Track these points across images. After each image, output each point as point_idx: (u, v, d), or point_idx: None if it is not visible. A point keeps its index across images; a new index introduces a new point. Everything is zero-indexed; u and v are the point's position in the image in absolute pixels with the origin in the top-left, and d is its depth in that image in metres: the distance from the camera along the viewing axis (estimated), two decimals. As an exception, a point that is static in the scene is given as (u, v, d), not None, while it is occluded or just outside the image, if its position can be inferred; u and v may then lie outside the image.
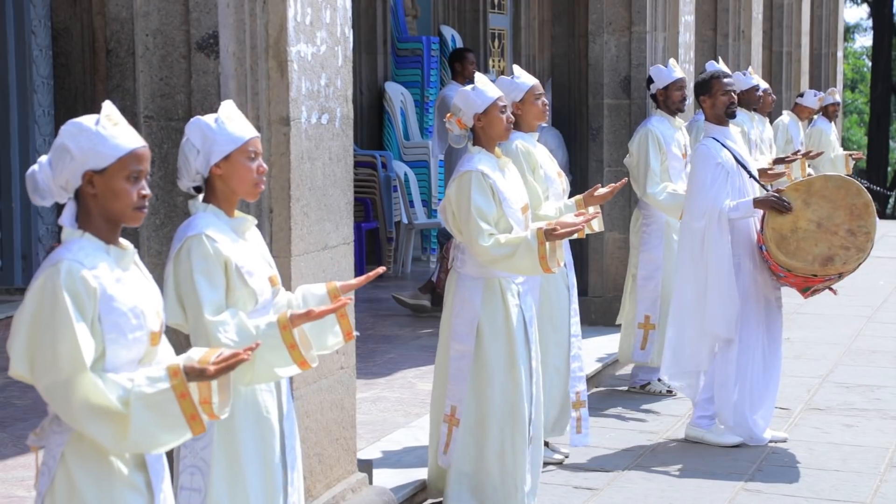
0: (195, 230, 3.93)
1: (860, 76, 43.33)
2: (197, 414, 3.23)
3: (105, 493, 3.25)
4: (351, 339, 4.11)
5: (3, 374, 8.05)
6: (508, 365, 5.73)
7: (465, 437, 5.77)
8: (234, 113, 4.03)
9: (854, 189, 6.97)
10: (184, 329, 3.96)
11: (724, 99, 7.13)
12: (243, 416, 3.97)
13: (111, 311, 3.22)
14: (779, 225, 6.92)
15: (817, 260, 6.89)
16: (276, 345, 3.80)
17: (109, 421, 3.16)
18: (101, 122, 3.27)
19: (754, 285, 7.12)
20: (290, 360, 3.83)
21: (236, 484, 3.97)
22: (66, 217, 3.28)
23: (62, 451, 3.25)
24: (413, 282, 11.58)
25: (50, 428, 3.30)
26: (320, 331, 3.99)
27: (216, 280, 3.89)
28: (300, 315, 3.82)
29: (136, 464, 3.34)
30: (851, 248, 6.88)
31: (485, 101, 5.74)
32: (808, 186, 7.00)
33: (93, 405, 3.15)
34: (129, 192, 3.26)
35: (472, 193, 5.59)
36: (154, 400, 3.19)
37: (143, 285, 3.37)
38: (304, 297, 4.12)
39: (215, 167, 3.96)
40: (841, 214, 6.91)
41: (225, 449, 3.96)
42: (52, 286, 3.16)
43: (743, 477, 6.65)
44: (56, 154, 3.26)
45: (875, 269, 14.17)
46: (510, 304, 5.75)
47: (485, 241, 5.55)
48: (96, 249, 3.26)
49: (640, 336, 8.35)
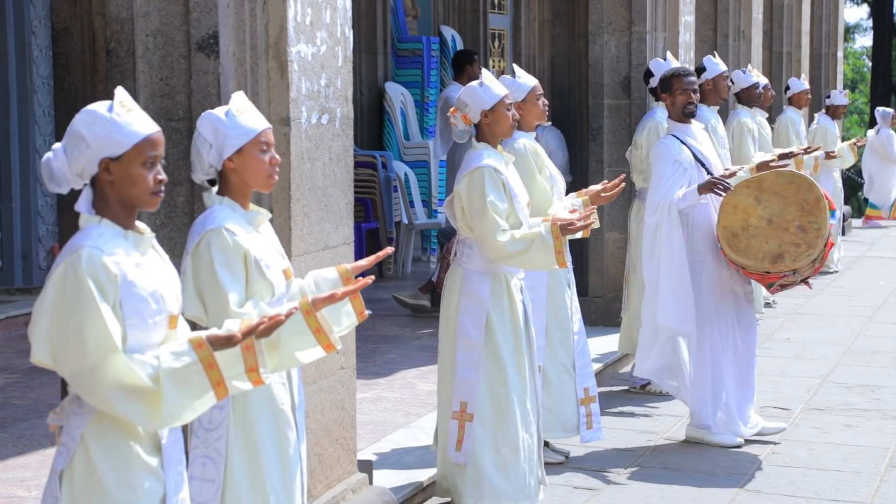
0: (214, 223, 3.94)
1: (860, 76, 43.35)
2: (222, 381, 3.28)
3: (123, 476, 3.27)
4: (364, 318, 4.10)
5: (3, 373, 8.06)
6: (517, 358, 5.73)
7: (480, 433, 5.72)
8: (245, 105, 4.03)
9: (805, 184, 6.92)
10: (202, 322, 3.96)
11: (682, 98, 7.14)
12: (259, 407, 3.98)
13: (132, 297, 3.24)
14: (730, 223, 6.90)
15: (767, 257, 6.85)
16: (301, 330, 3.78)
17: (142, 399, 3.19)
18: (115, 109, 3.28)
19: (719, 281, 7.11)
20: (315, 343, 3.81)
21: (255, 476, 3.99)
22: (82, 203, 3.29)
23: (82, 433, 3.27)
24: (413, 282, 11.59)
25: (70, 409, 3.31)
26: (334, 313, 3.98)
27: (237, 272, 3.92)
28: (323, 298, 3.79)
29: (154, 447, 3.36)
30: (802, 244, 6.82)
31: (492, 98, 5.75)
32: (760, 183, 6.97)
33: (124, 385, 3.17)
34: (146, 178, 3.28)
35: (487, 189, 5.61)
36: (183, 374, 3.22)
37: (162, 269, 3.39)
38: (317, 283, 4.14)
39: (228, 161, 3.97)
40: (792, 210, 6.86)
41: (242, 441, 3.98)
42: (74, 273, 3.18)
43: (743, 477, 6.65)
44: (71, 142, 3.26)
45: (875, 269, 14.18)
46: (515, 298, 5.77)
47: (501, 236, 5.58)
48: (115, 235, 3.27)
49: None
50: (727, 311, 7.14)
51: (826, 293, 12.24)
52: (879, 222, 18.70)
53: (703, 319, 7.09)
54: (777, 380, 8.79)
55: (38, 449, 6.41)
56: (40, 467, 6.05)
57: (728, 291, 7.14)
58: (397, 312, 10.43)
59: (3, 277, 10.18)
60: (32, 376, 7.79)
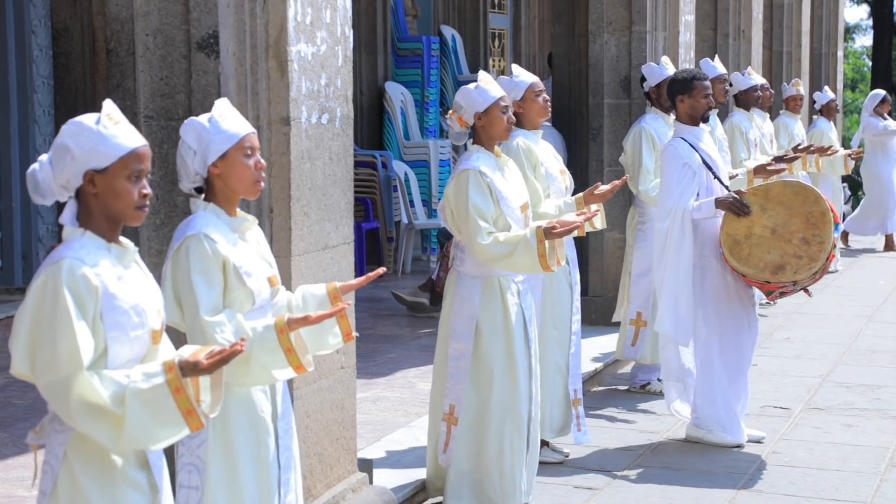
0: (194, 230, 3.91)
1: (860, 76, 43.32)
2: (193, 409, 3.23)
3: (108, 492, 3.26)
4: (350, 340, 4.10)
5: (3, 373, 8.05)
6: (507, 364, 5.73)
7: (464, 436, 5.78)
8: (228, 110, 3.99)
9: (812, 197, 6.87)
10: (181, 328, 3.96)
11: (704, 102, 7.10)
12: (237, 415, 3.96)
13: (113, 310, 3.22)
14: (734, 230, 6.86)
15: (768, 268, 6.81)
16: (272, 348, 3.79)
17: (105, 419, 3.16)
18: (102, 122, 3.27)
19: (724, 285, 7.10)
20: (286, 363, 3.83)
21: (232, 483, 3.96)
22: (66, 216, 3.27)
23: (65, 451, 3.25)
24: (413, 282, 11.58)
25: (51, 426, 3.29)
26: (321, 332, 3.99)
27: (214, 280, 3.88)
28: (298, 319, 3.80)
29: (139, 463, 3.34)
30: (804, 257, 6.77)
31: (486, 101, 5.74)
32: (766, 191, 6.93)
33: (89, 403, 3.15)
34: (131, 192, 3.26)
35: (470, 192, 5.60)
36: (149, 395, 3.19)
37: (144, 283, 3.37)
38: (304, 298, 4.11)
39: (213, 166, 3.93)
40: (797, 222, 6.81)
41: (220, 448, 3.95)
42: (53, 284, 3.16)
43: (743, 477, 6.65)
44: (57, 153, 3.25)
45: (875, 269, 14.18)
46: (510, 302, 5.75)
47: (483, 239, 5.56)
48: (97, 247, 3.26)
49: (632, 332, 8.37)
50: (733, 313, 7.14)
51: (826, 293, 12.24)
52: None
53: (710, 321, 7.08)
54: (777, 379, 8.79)
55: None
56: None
57: (734, 295, 7.13)
58: (397, 312, 10.43)
59: (3, 277, 10.18)
60: (32, 376, 7.78)
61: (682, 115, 7.17)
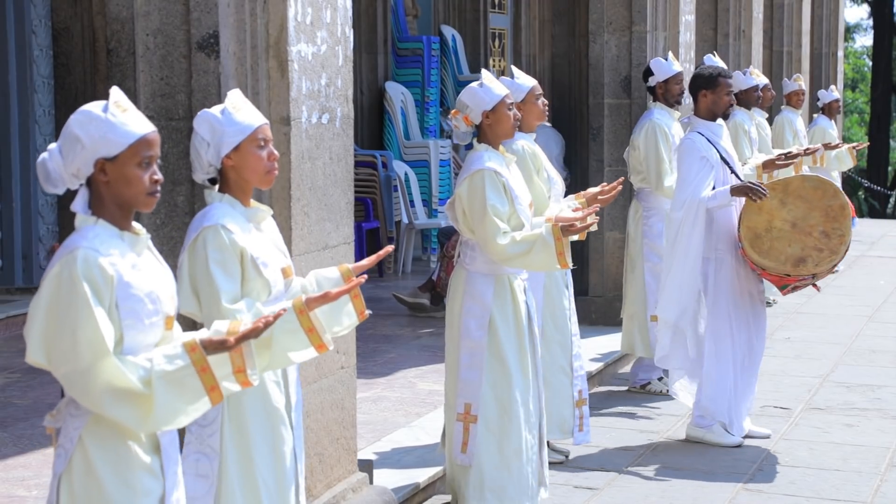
0: (211, 221, 3.94)
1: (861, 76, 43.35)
2: (216, 385, 3.29)
3: (122, 477, 3.27)
4: (364, 318, 4.12)
5: (3, 373, 8.06)
6: (521, 360, 5.73)
7: (484, 434, 5.72)
8: (241, 102, 4.02)
9: (831, 190, 6.94)
10: (197, 318, 3.98)
11: (727, 99, 7.16)
12: (252, 405, 3.98)
13: (128, 298, 3.24)
14: (754, 223, 6.92)
15: (790, 261, 6.88)
16: (293, 329, 3.79)
17: (133, 402, 3.19)
18: (110, 110, 3.27)
19: (738, 279, 7.12)
20: (308, 343, 3.83)
21: (248, 472, 3.99)
22: (78, 204, 3.28)
23: (80, 434, 3.27)
24: (413, 282, 11.59)
25: (67, 410, 3.31)
26: (335, 312, 4.00)
27: (232, 270, 3.92)
28: (317, 298, 3.81)
29: (152, 447, 3.36)
30: (825, 249, 6.86)
31: (493, 99, 5.74)
32: (786, 186, 6.99)
33: (116, 389, 3.17)
34: (142, 178, 3.27)
35: (487, 192, 5.59)
36: (175, 377, 3.23)
37: (158, 270, 3.39)
38: (318, 282, 4.15)
39: (226, 158, 3.97)
40: (816, 216, 6.89)
41: (236, 437, 3.98)
42: (69, 274, 3.17)
43: (743, 477, 6.65)
44: (66, 142, 3.26)
45: (875, 269, 14.17)
46: (519, 300, 5.76)
47: (502, 239, 5.56)
48: (111, 236, 3.27)
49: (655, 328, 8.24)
50: (745, 309, 7.16)
51: (826, 293, 12.23)
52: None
53: (721, 316, 7.09)
54: (777, 379, 8.79)
55: (38, 448, 6.40)
56: (40, 467, 6.05)
57: (745, 291, 7.15)
58: (397, 312, 10.43)
59: (3, 277, 10.17)
60: (32, 376, 7.79)
61: (703, 110, 7.19)
